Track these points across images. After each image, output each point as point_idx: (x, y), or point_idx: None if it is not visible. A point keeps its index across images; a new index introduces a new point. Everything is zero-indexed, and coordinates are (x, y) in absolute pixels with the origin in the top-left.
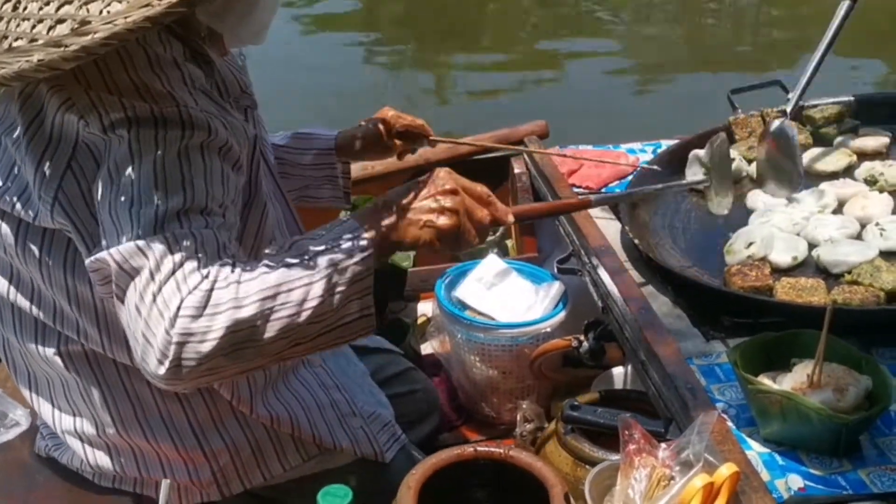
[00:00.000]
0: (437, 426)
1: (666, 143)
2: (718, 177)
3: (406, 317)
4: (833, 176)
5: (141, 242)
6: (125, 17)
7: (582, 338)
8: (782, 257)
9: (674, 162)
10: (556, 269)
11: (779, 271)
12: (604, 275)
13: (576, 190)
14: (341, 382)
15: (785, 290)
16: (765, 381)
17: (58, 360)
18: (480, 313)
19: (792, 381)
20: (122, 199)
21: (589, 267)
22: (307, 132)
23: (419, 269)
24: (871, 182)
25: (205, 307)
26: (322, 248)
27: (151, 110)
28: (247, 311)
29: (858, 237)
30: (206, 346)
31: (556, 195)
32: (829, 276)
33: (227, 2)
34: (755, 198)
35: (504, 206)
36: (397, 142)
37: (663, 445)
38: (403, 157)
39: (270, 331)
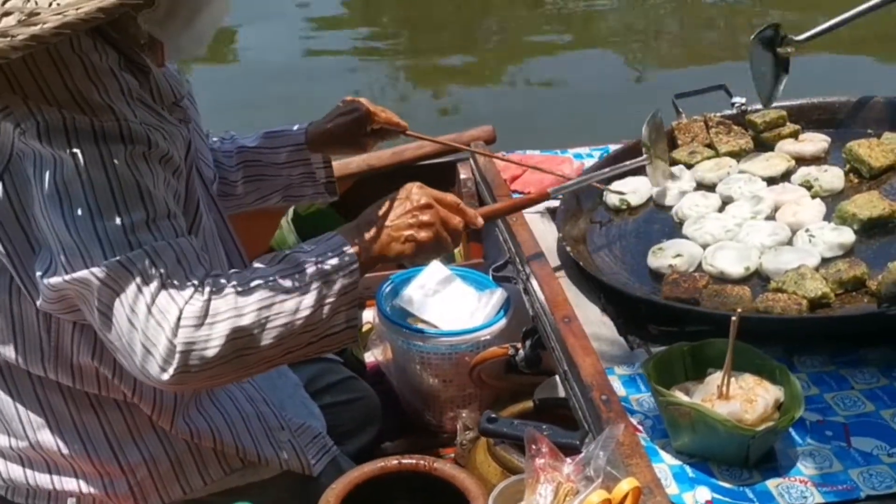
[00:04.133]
0: (379, 435)
1: (614, 148)
2: (656, 150)
3: None
4: (772, 181)
5: (123, 258)
6: (76, 8)
7: (519, 346)
8: (734, 268)
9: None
10: (491, 277)
11: (729, 282)
12: (534, 283)
13: (516, 196)
14: (269, 395)
15: (710, 299)
16: (677, 392)
17: None
18: (422, 321)
19: (703, 392)
20: (80, 215)
21: (522, 275)
22: (277, 130)
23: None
24: (807, 187)
25: (205, 316)
26: (311, 261)
27: (92, 124)
28: (246, 320)
29: (790, 243)
30: (210, 353)
31: (496, 202)
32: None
33: (169, 10)
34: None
35: (473, 210)
36: (370, 140)
37: (568, 460)
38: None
39: (267, 338)
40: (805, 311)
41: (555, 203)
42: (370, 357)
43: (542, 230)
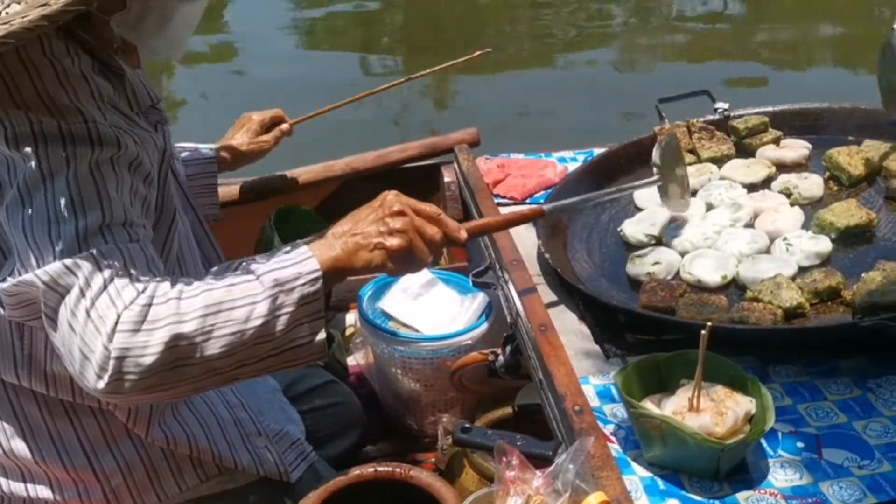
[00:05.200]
0: (360, 439)
1: (598, 151)
2: (670, 175)
3: (334, 327)
4: (753, 187)
5: (68, 261)
6: (22, 17)
7: (499, 351)
8: (711, 277)
9: (599, 171)
10: (471, 283)
11: (706, 290)
12: (511, 289)
13: (498, 200)
14: (247, 400)
15: (686, 308)
16: (648, 403)
17: None
18: (404, 325)
19: (674, 404)
20: (37, 219)
21: (502, 281)
22: (185, 145)
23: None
24: (786, 194)
25: (143, 321)
26: (268, 269)
27: (59, 126)
28: (188, 327)
29: (768, 251)
30: (146, 360)
31: (478, 205)
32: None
33: (140, 14)
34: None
35: (456, 222)
36: (265, 136)
37: (538, 473)
38: (278, 143)
39: (213, 348)
40: (780, 321)
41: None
42: (352, 361)
43: (522, 236)
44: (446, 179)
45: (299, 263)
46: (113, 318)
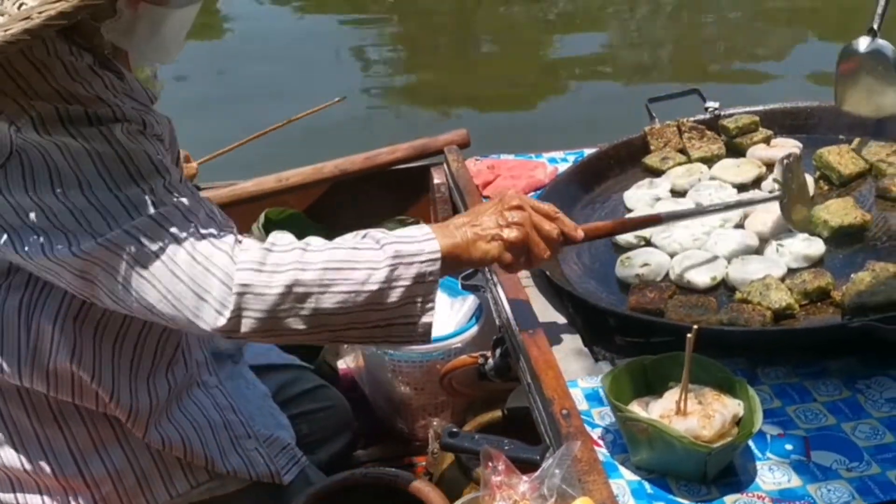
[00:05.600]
0: (351, 443)
1: (589, 151)
2: (793, 193)
3: None
4: (743, 187)
5: (154, 213)
6: (4, 30)
7: (489, 354)
8: (701, 278)
9: (589, 172)
10: (460, 285)
11: (696, 292)
12: (500, 292)
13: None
14: (237, 404)
15: (675, 310)
16: (635, 407)
17: None
18: None
19: (662, 407)
20: (99, 187)
21: (491, 283)
22: None
23: None
24: None
25: (266, 263)
26: (392, 241)
27: (85, 111)
28: (308, 275)
29: (758, 252)
30: (268, 300)
31: (467, 207)
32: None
33: (131, 22)
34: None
35: (573, 222)
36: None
37: (525, 478)
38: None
39: (328, 302)
40: (769, 323)
41: None
42: (343, 364)
43: None
44: (436, 181)
45: (421, 242)
46: (223, 258)
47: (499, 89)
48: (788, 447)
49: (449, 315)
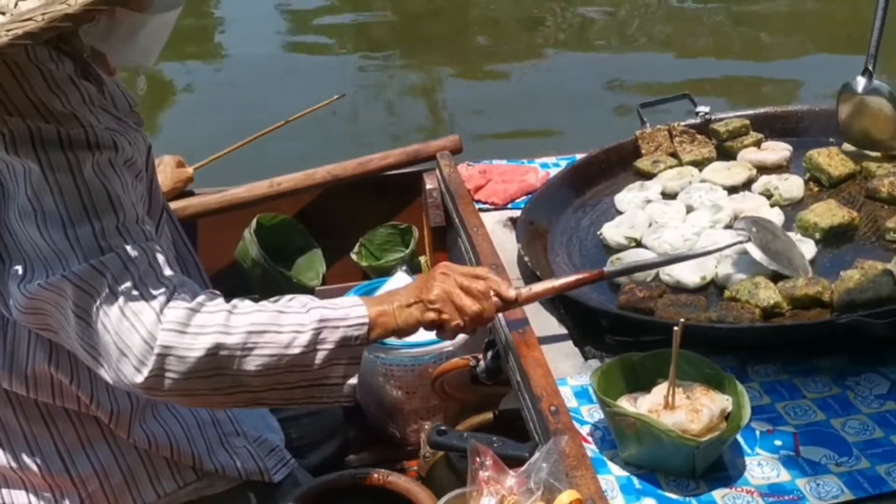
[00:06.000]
0: (342, 447)
1: (581, 156)
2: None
3: None
4: (733, 189)
5: (95, 262)
6: (6, 31)
7: (480, 356)
8: (691, 278)
9: (579, 176)
10: None
11: (686, 291)
12: None
13: (480, 206)
14: None
15: (665, 308)
16: (624, 402)
17: None
18: None
19: (649, 402)
20: (52, 223)
21: None
22: None
23: (327, 287)
24: (767, 196)
25: (190, 325)
26: (319, 306)
27: (58, 132)
28: (232, 339)
29: (746, 252)
30: (188, 362)
31: (459, 212)
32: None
33: (110, 25)
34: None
35: (507, 281)
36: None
37: (512, 473)
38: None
39: (250, 365)
40: (757, 320)
41: (516, 213)
42: None
43: (502, 240)
44: (428, 186)
45: (348, 308)
46: (150, 316)
47: (493, 94)
48: (777, 443)
49: None
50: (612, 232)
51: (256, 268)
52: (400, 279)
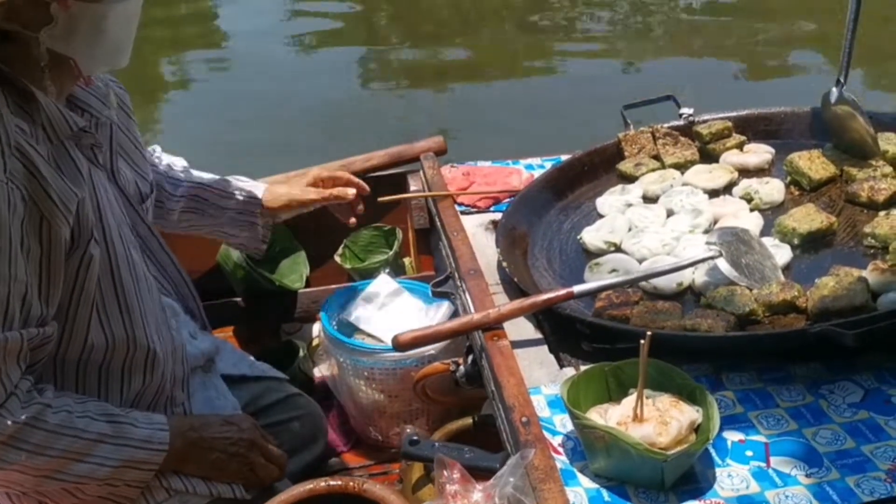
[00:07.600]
0: (323, 452)
1: (566, 158)
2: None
3: (300, 339)
4: (714, 193)
5: None
6: None
7: (460, 361)
8: (667, 284)
9: (562, 178)
10: (430, 293)
11: (662, 298)
12: (468, 298)
13: (462, 209)
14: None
15: (640, 315)
16: (593, 414)
17: None
18: (369, 335)
19: (619, 414)
20: None
21: (460, 290)
22: (235, 178)
23: (311, 290)
24: (747, 199)
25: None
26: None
27: None
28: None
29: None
30: None
31: (440, 214)
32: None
33: (70, 23)
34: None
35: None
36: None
37: (479, 486)
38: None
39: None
40: (732, 328)
41: (497, 216)
42: (318, 372)
43: (482, 244)
44: (413, 188)
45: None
46: None
47: (478, 95)
48: (749, 453)
49: (423, 321)
50: (591, 236)
51: (239, 271)
52: (383, 281)
